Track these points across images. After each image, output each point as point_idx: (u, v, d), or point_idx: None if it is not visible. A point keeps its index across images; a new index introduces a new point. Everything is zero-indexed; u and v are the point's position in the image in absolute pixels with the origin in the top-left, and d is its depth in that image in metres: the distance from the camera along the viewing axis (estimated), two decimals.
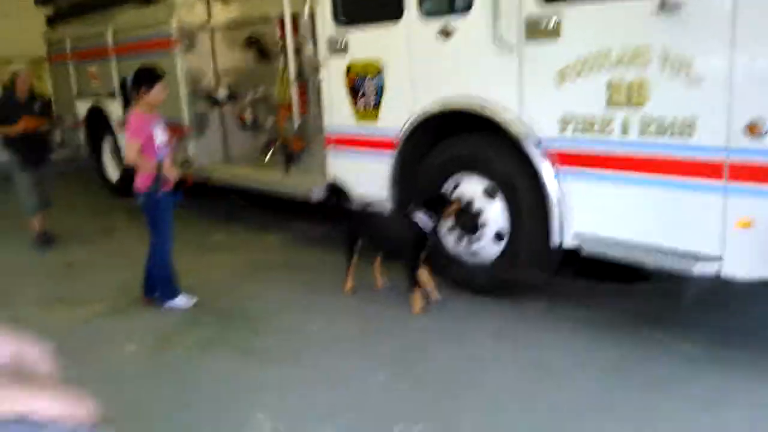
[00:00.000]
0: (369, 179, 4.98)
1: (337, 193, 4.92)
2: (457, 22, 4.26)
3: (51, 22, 9.32)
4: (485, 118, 4.20)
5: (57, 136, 9.67)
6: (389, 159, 4.83)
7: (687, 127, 3.33)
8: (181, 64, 6.66)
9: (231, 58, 6.72)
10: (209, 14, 6.71)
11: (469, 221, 4.44)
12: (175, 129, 6.06)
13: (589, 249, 3.85)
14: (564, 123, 3.81)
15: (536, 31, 3.83)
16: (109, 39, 7.64)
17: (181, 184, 4.83)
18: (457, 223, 4.51)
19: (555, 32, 3.74)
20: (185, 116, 6.79)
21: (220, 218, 7.26)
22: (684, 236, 3.45)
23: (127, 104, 4.66)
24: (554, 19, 3.72)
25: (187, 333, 4.24)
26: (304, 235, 6.38)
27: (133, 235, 6.80)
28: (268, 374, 3.61)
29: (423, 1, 4.44)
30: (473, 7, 4.15)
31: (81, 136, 9.03)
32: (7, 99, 6.43)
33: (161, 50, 6.78)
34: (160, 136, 4.48)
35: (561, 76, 3.77)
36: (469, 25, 4.19)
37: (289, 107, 5.99)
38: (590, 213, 3.85)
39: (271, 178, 6.02)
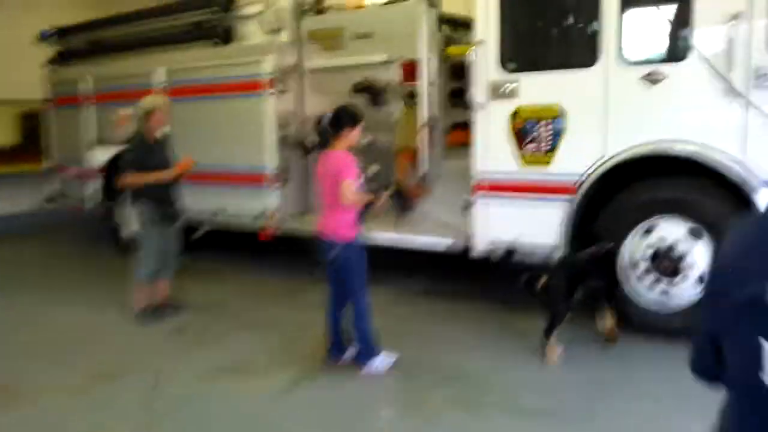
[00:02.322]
0: (535, 225, 4.91)
1: (510, 251, 4.92)
2: (667, 69, 4.38)
3: (61, 59, 8.35)
4: (688, 162, 4.33)
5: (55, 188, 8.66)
6: (564, 204, 4.80)
7: None
8: (270, 109, 6.24)
9: (320, 102, 6.39)
10: (300, 56, 6.37)
11: (670, 265, 4.49)
12: None
13: None
14: None
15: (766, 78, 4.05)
16: (160, 79, 7.01)
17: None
18: (656, 267, 4.55)
19: None
20: (269, 164, 6.34)
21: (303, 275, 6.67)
22: None
23: (322, 145, 4.37)
24: None
25: (429, 395, 3.89)
26: (411, 289, 6.05)
27: (215, 295, 6.19)
28: None
29: (622, 48, 4.52)
30: (690, 56, 4.29)
31: (87, 187, 8.08)
32: (140, 140, 5.26)
33: (246, 93, 6.33)
34: (360, 178, 4.20)
35: None
36: (685, 73, 4.32)
37: (411, 153, 5.81)
38: None
39: (399, 232, 5.67)
